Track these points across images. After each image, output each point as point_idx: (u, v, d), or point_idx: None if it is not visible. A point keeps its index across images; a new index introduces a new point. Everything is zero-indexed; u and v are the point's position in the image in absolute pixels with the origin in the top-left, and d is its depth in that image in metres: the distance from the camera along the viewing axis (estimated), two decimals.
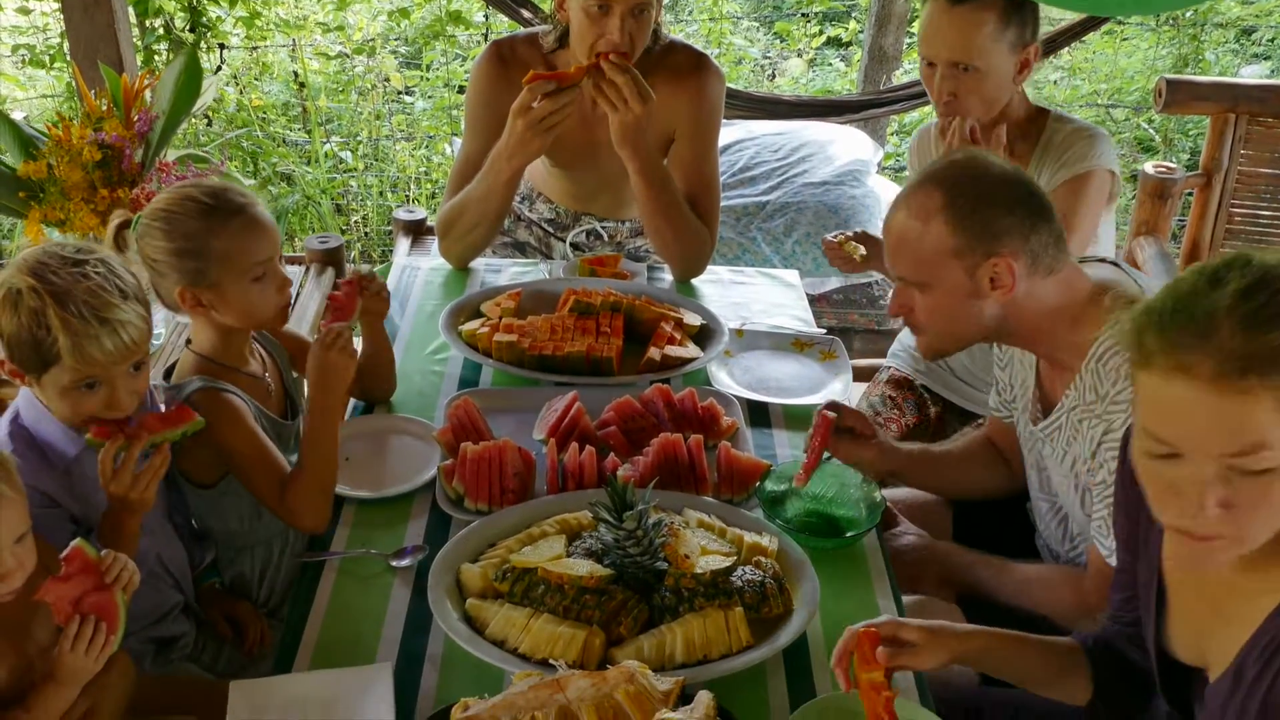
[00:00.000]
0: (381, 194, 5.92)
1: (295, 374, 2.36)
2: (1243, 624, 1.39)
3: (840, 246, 2.77)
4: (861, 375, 3.06)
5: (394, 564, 1.99)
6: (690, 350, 2.58)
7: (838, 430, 2.19)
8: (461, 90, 6.11)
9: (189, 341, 2.18)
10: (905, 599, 2.02)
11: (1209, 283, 1.25)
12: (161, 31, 5.62)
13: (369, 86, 6.39)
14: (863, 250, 2.74)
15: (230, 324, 2.11)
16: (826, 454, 2.14)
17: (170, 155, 3.19)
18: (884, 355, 3.23)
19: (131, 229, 2.08)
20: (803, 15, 7.88)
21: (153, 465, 1.87)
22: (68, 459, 1.91)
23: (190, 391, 2.07)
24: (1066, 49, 5.57)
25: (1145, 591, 1.57)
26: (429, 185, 5.97)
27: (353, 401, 2.50)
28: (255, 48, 6.35)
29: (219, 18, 5.92)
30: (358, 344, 2.41)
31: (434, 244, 3.24)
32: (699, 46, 3.13)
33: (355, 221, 5.83)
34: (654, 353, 2.51)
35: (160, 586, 2.06)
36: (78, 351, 1.78)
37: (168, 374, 2.19)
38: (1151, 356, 1.26)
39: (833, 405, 2.20)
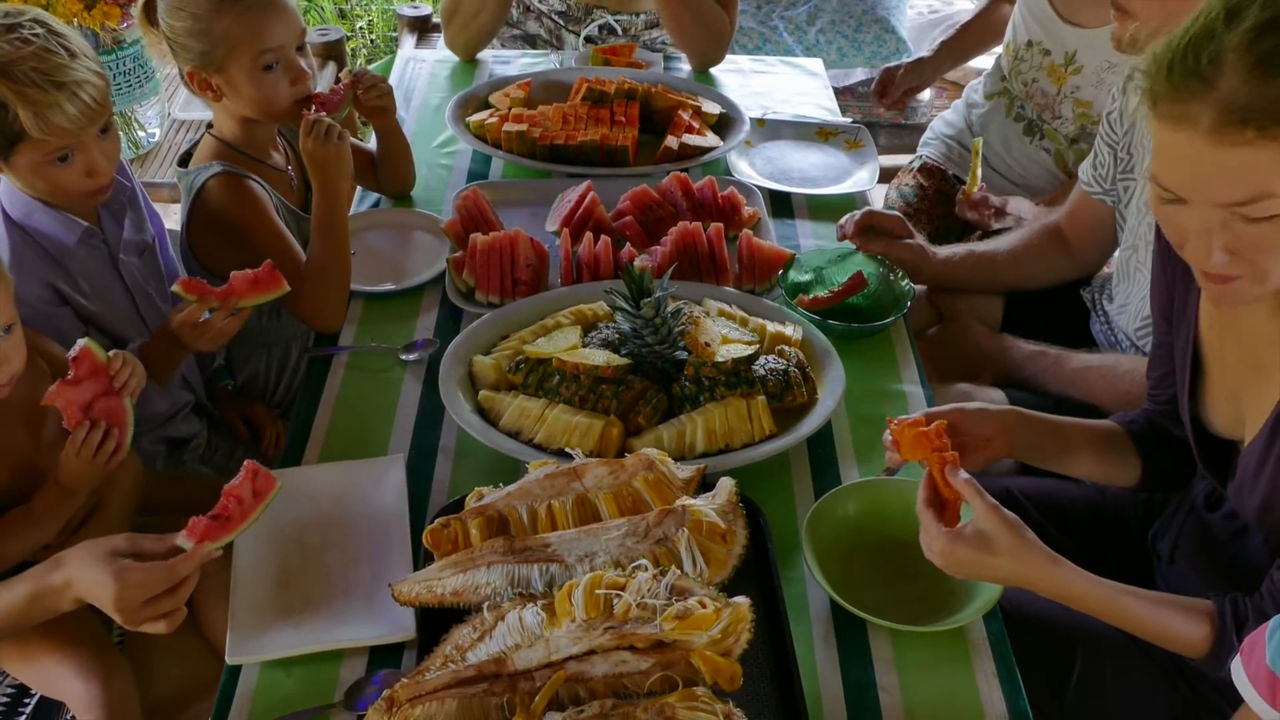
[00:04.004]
0: None
1: None
2: None
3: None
4: (886, 175, 2.93)
5: (404, 358, 1.93)
6: (709, 139, 2.46)
7: (875, 231, 2.10)
8: None
9: (209, 126, 2.10)
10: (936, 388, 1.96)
11: (1225, 17, 1.16)
12: None
13: None
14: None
15: (246, 113, 2.02)
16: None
17: None
18: (912, 151, 3.12)
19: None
20: None
21: (230, 327, 1.82)
22: (67, 248, 1.83)
23: (209, 176, 2.00)
24: None
25: (1181, 360, 1.51)
26: None
27: (359, 194, 2.40)
28: None
29: None
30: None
31: (440, 39, 3.08)
32: None
33: (360, 28, 5.60)
34: (671, 141, 2.39)
35: (169, 387, 2.01)
36: (41, 122, 1.68)
37: (185, 160, 2.10)
38: (1158, 102, 1.20)
39: (866, 220, 2.07)
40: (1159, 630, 1.37)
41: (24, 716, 1.70)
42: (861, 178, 2.45)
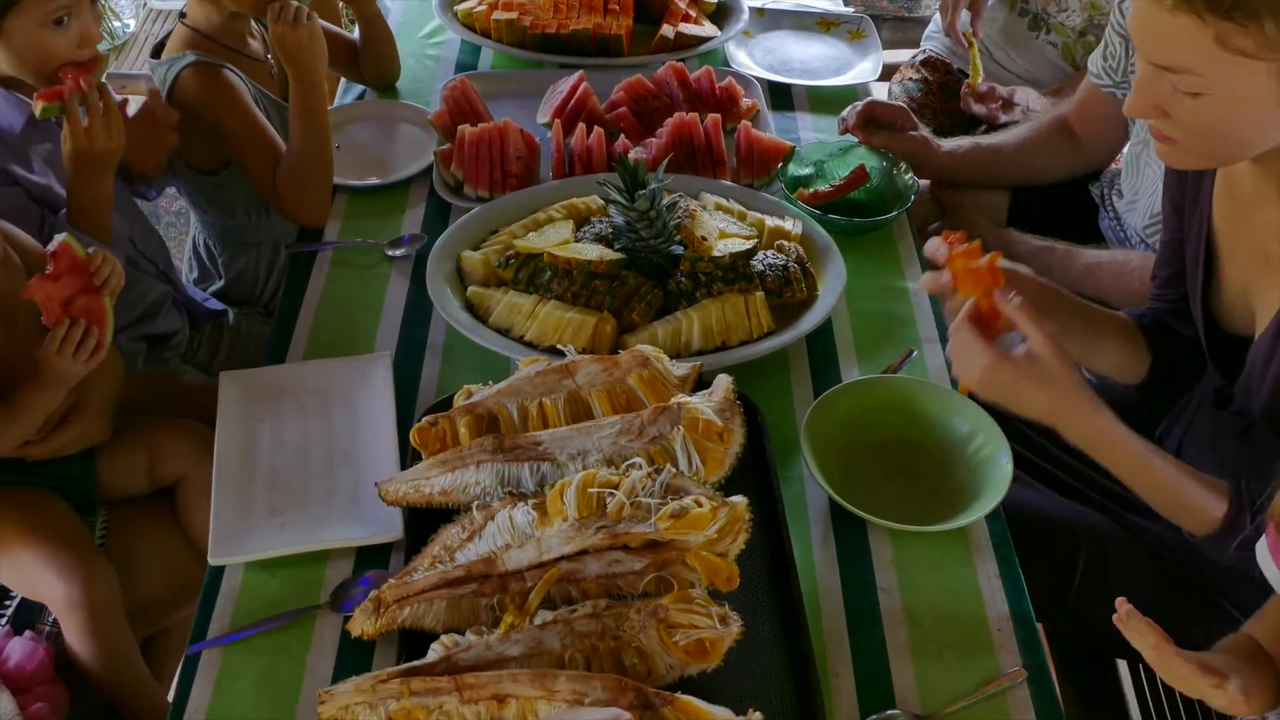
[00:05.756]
0: None
1: None
2: None
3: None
4: (888, 73, 2.83)
5: (390, 253, 1.87)
6: (707, 29, 2.37)
7: (876, 124, 2.04)
8: None
9: (183, 15, 2.01)
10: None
11: None
12: None
13: None
14: None
15: (227, 3, 1.94)
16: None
17: None
18: (915, 46, 3.01)
19: None
20: None
21: (112, 121, 1.72)
22: (14, 135, 1.76)
23: (182, 67, 1.93)
24: None
25: (1193, 251, 1.46)
26: None
27: (342, 86, 2.32)
28: None
29: None
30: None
31: None
32: None
33: None
34: (667, 30, 2.31)
35: (141, 277, 1.94)
36: None
37: (158, 51, 2.02)
38: None
39: (868, 112, 2.00)
40: (1179, 497, 1.33)
41: (5, 618, 1.67)
42: (864, 69, 2.37)
